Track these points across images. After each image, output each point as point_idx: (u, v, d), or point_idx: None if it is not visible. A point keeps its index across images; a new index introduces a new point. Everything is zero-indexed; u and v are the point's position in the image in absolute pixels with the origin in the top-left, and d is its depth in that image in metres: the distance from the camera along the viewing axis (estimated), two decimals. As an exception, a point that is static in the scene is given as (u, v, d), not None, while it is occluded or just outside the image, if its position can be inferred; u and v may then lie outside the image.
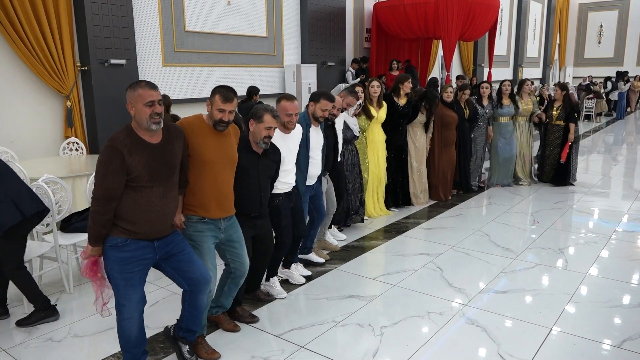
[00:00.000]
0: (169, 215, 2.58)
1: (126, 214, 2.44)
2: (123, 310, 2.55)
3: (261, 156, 3.15)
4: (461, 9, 9.99)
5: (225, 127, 2.76)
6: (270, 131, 3.05)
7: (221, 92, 2.73)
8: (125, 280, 2.50)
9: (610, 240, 4.91)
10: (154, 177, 2.45)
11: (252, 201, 3.16)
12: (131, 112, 2.44)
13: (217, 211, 2.84)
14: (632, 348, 3.00)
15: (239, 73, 8.60)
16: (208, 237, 2.86)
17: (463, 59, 15.99)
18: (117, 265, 2.48)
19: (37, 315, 3.36)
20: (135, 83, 2.46)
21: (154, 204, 2.47)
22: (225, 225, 2.91)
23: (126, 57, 6.68)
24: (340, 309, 3.54)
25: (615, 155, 10.10)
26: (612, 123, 15.73)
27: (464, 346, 3.05)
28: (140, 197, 2.44)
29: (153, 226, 2.50)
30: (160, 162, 2.48)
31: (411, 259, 4.48)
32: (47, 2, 5.89)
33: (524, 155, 7.15)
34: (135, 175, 2.40)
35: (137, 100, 2.40)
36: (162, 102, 2.46)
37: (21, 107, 6.02)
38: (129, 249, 2.48)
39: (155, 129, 2.45)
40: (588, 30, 23.38)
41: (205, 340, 3.00)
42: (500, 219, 5.67)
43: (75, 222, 3.92)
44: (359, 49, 11.56)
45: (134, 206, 2.44)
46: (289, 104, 3.43)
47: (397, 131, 5.75)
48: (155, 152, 2.47)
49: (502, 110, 6.84)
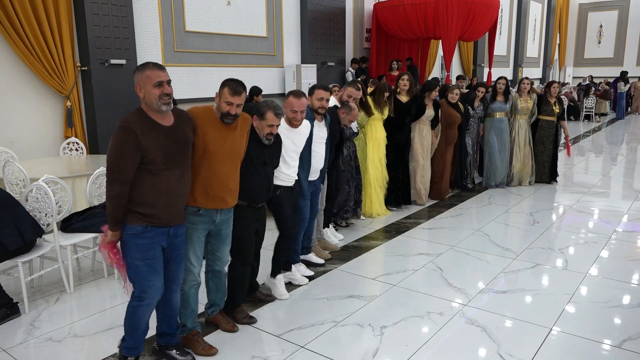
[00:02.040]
0: (185, 197, 2.61)
1: (146, 199, 2.44)
2: (145, 297, 2.56)
3: (266, 146, 3.17)
4: (461, 9, 9.99)
5: (232, 120, 2.75)
6: (272, 128, 3.07)
7: (230, 85, 2.73)
8: (148, 267, 2.52)
9: (610, 240, 4.91)
10: (170, 159, 2.46)
11: (262, 190, 3.19)
12: (140, 94, 2.43)
13: (214, 202, 2.82)
14: (632, 348, 3.00)
15: (239, 73, 8.59)
16: (199, 230, 2.86)
17: (463, 59, 15.99)
18: (138, 253, 2.49)
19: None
20: (142, 65, 2.46)
21: (173, 187, 2.49)
22: (220, 218, 2.90)
23: (126, 57, 6.69)
24: (340, 309, 3.54)
25: (615, 155, 10.10)
26: (612, 123, 15.73)
27: (464, 346, 3.05)
28: (160, 181, 2.45)
29: (172, 210, 2.52)
30: (175, 144, 2.49)
31: (411, 259, 4.48)
32: (47, 2, 5.89)
33: (524, 155, 7.09)
34: (150, 158, 2.39)
35: (145, 81, 2.40)
36: (170, 83, 2.46)
37: (21, 107, 6.02)
38: (148, 235, 2.49)
39: (165, 109, 2.45)
40: (588, 31, 23.39)
41: (200, 336, 3.00)
42: (500, 219, 5.67)
43: (75, 222, 3.91)
44: (359, 49, 11.56)
45: (153, 190, 2.44)
46: (295, 100, 3.43)
47: (400, 129, 5.73)
48: (169, 134, 2.48)
49: (495, 106, 6.85)
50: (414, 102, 5.79)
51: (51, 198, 3.61)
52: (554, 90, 6.89)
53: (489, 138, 6.95)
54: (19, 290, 3.58)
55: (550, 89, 6.94)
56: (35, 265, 4.03)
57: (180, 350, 2.86)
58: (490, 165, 7.04)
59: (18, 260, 3.46)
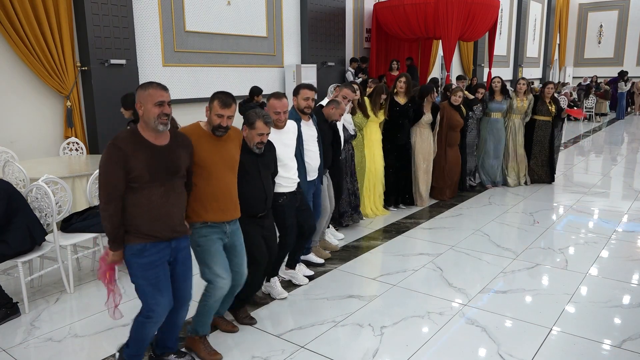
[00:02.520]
0: (175, 214, 2.56)
1: (130, 217, 2.45)
2: (152, 315, 2.54)
3: (259, 155, 3.15)
4: (461, 9, 9.99)
5: (223, 133, 2.76)
6: (262, 137, 3.07)
7: (220, 97, 2.75)
8: (152, 286, 2.51)
9: (610, 240, 4.91)
10: (155, 177, 2.45)
11: (258, 200, 3.17)
12: (139, 111, 2.45)
13: (220, 214, 2.82)
14: (632, 348, 3.00)
15: (239, 73, 8.60)
16: (215, 240, 2.83)
17: (463, 59, 15.99)
18: (141, 272, 2.49)
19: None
20: (147, 83, 2.48)
21: (155, 203, 2.47)
22: (230, 229, 2.89)
23: (126, 57, 6.69)
24: (340, 309, 3.54)
25: (615, 155, 10.10)
26: (612, 123, 15.73)
27: (464, 346, 3.05)
28: (141, 198, 2.44)
29: (158, 224, 2.49)
30: (162, 163, 2.48)
31: (411, 259, 4.48)
32: (47, 2, 5.89)
33: (518, 154, 7.07)
34: (135, 174, 2.40)
35: (147, 99, 2.42)
36: (171, 104, 2.48)
37: (21, 107, 6.02)
38: (149, 253, 2.48)
39: (162, 129, 2.46)
40: (588, 31, 23.39)
41: (207, 341, 3.00)
42: (500, 219, 5.67)
43: (75, 222, 3.91)
44: (359, 49, 11.56)
45: (135, 209, 2.44)
46: (277, 102, 3.46)
47: (399, 130, 5.73)
48: (158, 153, 2.47)
49: (493, 105, 6.85)
50: (412, 104, 5.78)
51: (51, 198, 3.62)
52: (547, 91, 6.90)
53: (486, 137, 6.97)
54: (19, 290, 3.58)
55: (544, 89, 6.95)
56: (35, 265, 4.03)
57: (178, 354, 2.86)
58: (486, 164, 7.06)
59: (18, 260, 3.46)
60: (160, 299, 2.53)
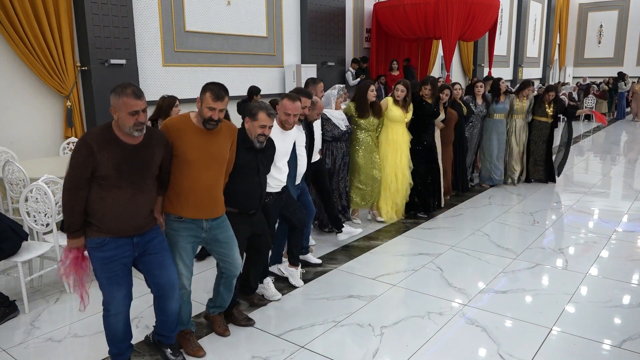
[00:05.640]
0: (139, 216, 2.53)
1: (94, 210, 2.43)
2: (109, 308, 2.57)
3: (259, 152, 3.10)
4: (461, 9, 9.99)
5: (214, 126, 2.68)
6: (265, 129, 2.98)
7: (212, 89, 2.67)
8: (108, 279, 2.51)
9: (610, 240, 4.91)
10: (123, 178, 2.42)
11: (254, 198, 3.13)
12: (114, 115, 2.40)
13: (195, 212, 2.75)
14: (632, 348, 3.00)
15: (239, 73, 8.60)
16: (184, 237, 2.78)
17: (463, 59, 15.99)
18: (100, 265, 2.50)
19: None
20: (120, 89, 2.39)
21: (121, 205, 2.44)
22: (209, 225, 2.82)
23: (126, 57, 6.68)
24: (340, 309, 3.54)
25: (615, 155, 10.10)
26: (612, 123, 15.73)
27: (464, 346, 3.05)
28: (108, 196, 2.42)
29: (122, 223, 2.48)
30: (133, 163, 2.43)
31: (411, 259, 4.47)
32: (47, 2, 5.89)
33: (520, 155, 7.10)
34: (103, 173, 2.37)
35: (120, 107, 2.37)
36: (146, 110, 2.43)
37: (21, 107, 6.02)
38: (108, 248, 2.48)
39: (137, 135, 2.43)
40: (588, 31, 23.37)
41: (192, 336, 3.00)
42: (500, 219, 5.67)
43: (75, 222, 3.91)
44: (359, 49, 11.56)
45: (102, 204, 2.43)
46: (290, 103, 3.41)
47: (426, 130, 5.51)
48: (129, 153, 2.43)
49: (497, 106, 6.85)
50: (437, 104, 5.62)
51: (51, 198, 3.62)
52: (547, 97, 6.94)
53: (489, 138, 6.96)
54: (18, 290, 3.58)
55: (546, 95, 6.97)
56: (35, 265, 4.03)
57: (174, 350, 2.86)
58: (489, 164, 7.06)
59: (18, 260, 3.46)
60: (115, 292, 2.54)
